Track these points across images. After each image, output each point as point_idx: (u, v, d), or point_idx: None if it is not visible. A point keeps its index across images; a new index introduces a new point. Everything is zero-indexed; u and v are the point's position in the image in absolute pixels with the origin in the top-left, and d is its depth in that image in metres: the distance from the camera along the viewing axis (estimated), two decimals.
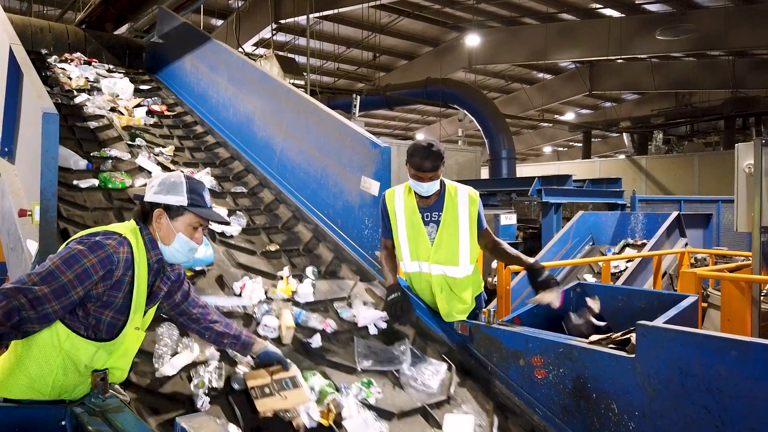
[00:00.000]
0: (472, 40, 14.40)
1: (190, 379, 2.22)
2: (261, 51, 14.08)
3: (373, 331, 2.90)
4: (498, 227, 7.58)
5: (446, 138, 23.78)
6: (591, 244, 7.48)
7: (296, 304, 2.97)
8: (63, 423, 1.69)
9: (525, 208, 9.49)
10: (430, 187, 2.79)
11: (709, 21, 12.51)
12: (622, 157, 19.82)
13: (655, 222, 7.21)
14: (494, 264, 6.02)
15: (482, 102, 14.77)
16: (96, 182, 3.70)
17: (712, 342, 1.98)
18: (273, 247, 3.54)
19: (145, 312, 1.99)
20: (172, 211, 1.97)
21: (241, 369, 2.31)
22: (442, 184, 2.90)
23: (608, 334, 2.39)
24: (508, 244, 3.09)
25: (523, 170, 18.89)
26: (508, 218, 7.86)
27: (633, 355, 2.16)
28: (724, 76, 16.05)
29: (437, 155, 2.75)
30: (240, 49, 10.43)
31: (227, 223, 2.24)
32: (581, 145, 22.06)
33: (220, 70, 5.29)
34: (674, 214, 7.18)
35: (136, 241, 1.92)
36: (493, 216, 7.78)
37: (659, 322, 2.36)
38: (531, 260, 2.86)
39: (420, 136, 25.62)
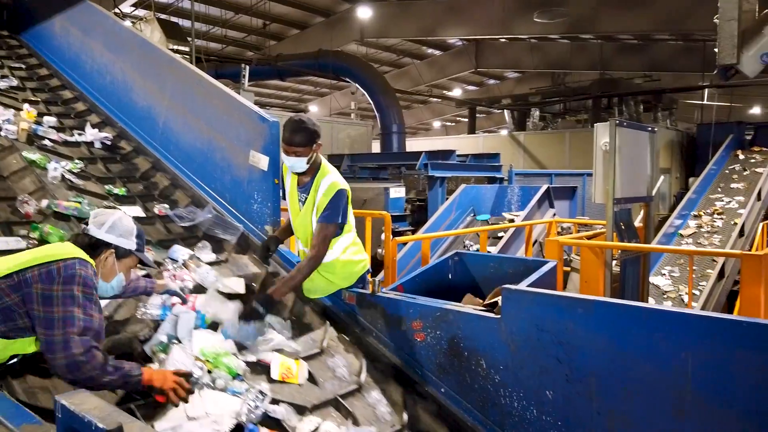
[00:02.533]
0: (364, 12, 14.42)
1: None
2: (141, 13, 13.18)
3: (98, 145, 4.20)
4: (387, 200, 7.83)
5: (339, 111, 23.75)
6: (472, 215, 7.97)
7: None
8: None
9: (414, 181, 9.81)
10: (295, 163, 2.79)
11: (581, 6, 13.42)
12: (504, 132, 20.91)
13: (528, 194, 7.81)
14: (383, 236, 6.24)
15: (373, 76, 14.89)
16: None
17: (562, 301, 2.26)
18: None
19: None
20: (119, 252, 2.16)
21: None
22: (318, 168, 2.87)
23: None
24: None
25: (412, 144, 19.37)
26: (397, 191, 8.15)
27: (499, 316, 2.42)
28: (594, 58, 17.38)
29: (307, 132, 2.73)
30: (116, 10, 9.68)
31: (155, 267, 2.75)
32: (468, 120, 23.00)
33: (95, 33, 4.94)
34: (544, 187, 7.83)
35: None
36: (383, 189, 8.01)
37: (522, 285, 2.65)
38: (286, 275, 2.98)
39: (313, 108, 25.37)
